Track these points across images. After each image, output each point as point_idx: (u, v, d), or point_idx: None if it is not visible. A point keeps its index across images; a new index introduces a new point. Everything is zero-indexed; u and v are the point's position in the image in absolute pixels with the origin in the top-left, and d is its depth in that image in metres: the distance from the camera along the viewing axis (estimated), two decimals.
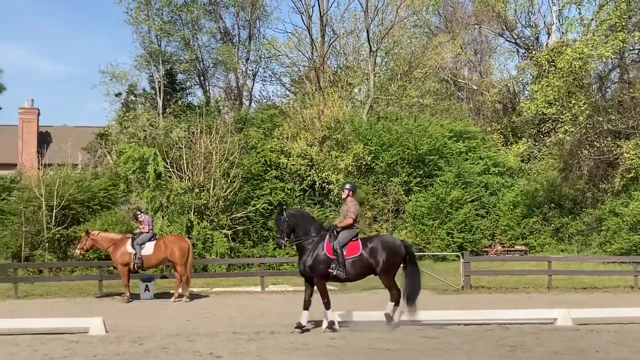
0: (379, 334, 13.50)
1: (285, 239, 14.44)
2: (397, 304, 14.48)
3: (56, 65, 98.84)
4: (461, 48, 47.20)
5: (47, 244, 30.27)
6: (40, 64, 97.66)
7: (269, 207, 33.12)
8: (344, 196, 15.25)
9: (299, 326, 14.12)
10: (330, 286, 23.71)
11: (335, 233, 14.38)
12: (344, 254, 14.18)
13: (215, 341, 13.08)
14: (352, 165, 34.18)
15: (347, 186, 15.19)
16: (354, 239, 14.44)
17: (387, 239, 15.01)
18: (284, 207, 15.87)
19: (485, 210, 35.30)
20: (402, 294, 14.48)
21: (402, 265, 14.65)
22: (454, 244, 33.05)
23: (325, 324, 14.36)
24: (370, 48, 41.59)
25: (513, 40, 47.63)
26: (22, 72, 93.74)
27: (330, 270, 14.13)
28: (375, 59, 42.30)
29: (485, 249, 33.41)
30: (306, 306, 14.28)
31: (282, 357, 11.40)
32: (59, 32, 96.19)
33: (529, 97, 42.84)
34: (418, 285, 14.61)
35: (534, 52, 44.31)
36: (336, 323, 14.26)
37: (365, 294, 21.98)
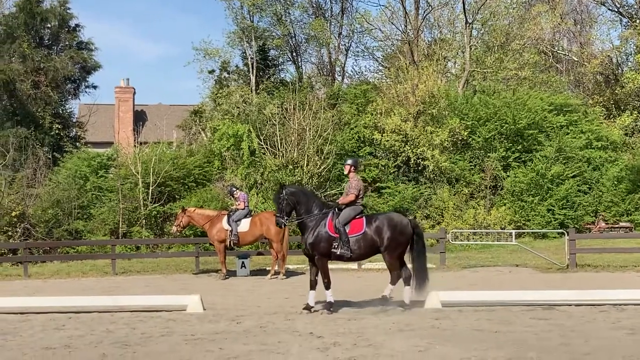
0: (487, 315, 12.83)
1: (286, 217, 14.00)
2: (393, 283, 13.90)
3: (151, 46, 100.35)
4: (560, 18, 45.44)
5: (144, 221, 30.58)
6: (136, 44, 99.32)
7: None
8: (345, 172, 14.67)
9: (307, 307, 13.70)
10: (430, 264, 23.19)
11: (338, 211, 13.82)
12: (347, 231, 13.58)
13: (314, 320, 12.70)
14: (447, 140, 33.31)
15: (349, 162, 14.56)
16: (358, 217, 13.82)
17: (393, 217, 14.24)
18: (283, 184, 15.41)
19: (587, 186, 33.86)
20: (411, 278, 13.85)
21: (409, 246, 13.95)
22: (554, 221, 31.89)
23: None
24: (466, 20, 40.36)
25: (615, 9, 45.63)
26: (118, 52, 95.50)
27: (333, 250, 13.59)
28: (471, 31, 41.06)
29: (588, 226, 32.09)
30: (312, 286, 13.87)
31: (386, 338, 10.85)
32: (154, 12, 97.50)
33: (633, 68, 41.14)
34: (425, 269, 13.99)
35: (638, 21, 42.39)
36: (333, 306, 13.70)
37: (466, 272, 21.35)
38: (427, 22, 44.20)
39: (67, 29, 40.66)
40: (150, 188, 31.02)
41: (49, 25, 40.06)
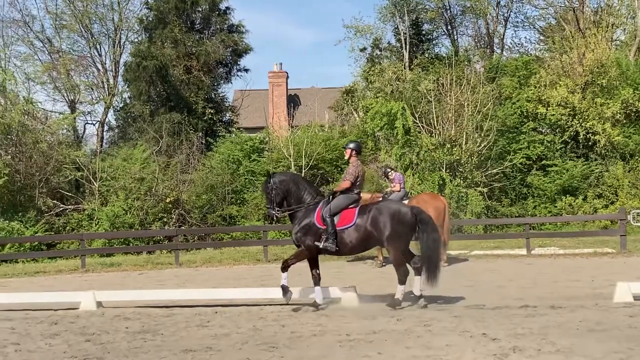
0: None
1: (277, 208, 12.80)
2: (402, 283, 12.42)
3: (303, 31, 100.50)
4: None
5: None
6: (289, 30, 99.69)
7: (527, 162, 30.87)
8: (346, 157, 13.17)
9: (314, 305, 12.54)
10: (608, 248, 21.02)
11: (330, 199, 12.45)
12: (336, 223, 12.19)
13: (485, 317, 10.97)
14: (620, 112, 30.75)
15: (351, 145, 13.09)
16: (351, 206, 12.38)
17: (390, 205, 12.79)
18: (272, 172, 14.04)
19: None
20: (422, 268, 12.41)
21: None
22: None
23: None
24: None
25: None
26: (271, 38, 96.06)
27: (317, 243, 12.24)
28: None
29: None
30: (316, 282, 12.72)
31: (575, 341, 9.03)
32: None
33: None
34: (435, 259, 12.52)
35: None
36: (289, 291, 12.69)
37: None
38: None
39: (217, 12, 40.36)
40: (303, 171, 30.28)
41: (199, 9, 39.87)
